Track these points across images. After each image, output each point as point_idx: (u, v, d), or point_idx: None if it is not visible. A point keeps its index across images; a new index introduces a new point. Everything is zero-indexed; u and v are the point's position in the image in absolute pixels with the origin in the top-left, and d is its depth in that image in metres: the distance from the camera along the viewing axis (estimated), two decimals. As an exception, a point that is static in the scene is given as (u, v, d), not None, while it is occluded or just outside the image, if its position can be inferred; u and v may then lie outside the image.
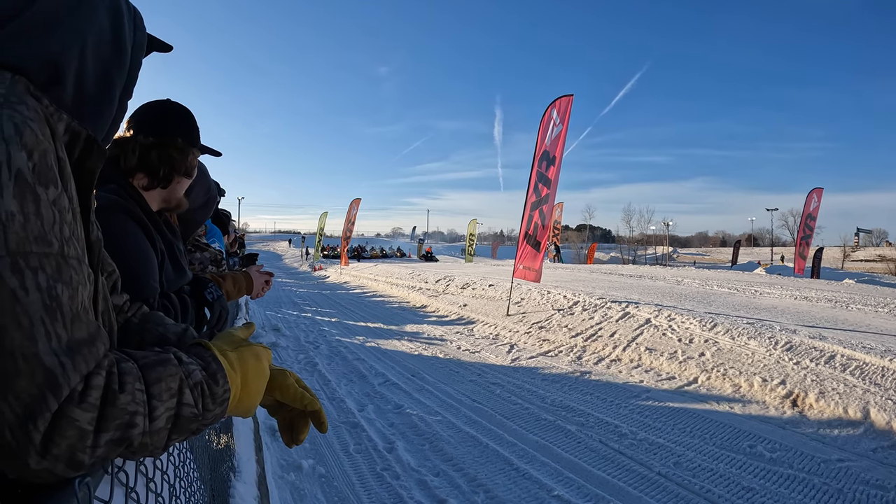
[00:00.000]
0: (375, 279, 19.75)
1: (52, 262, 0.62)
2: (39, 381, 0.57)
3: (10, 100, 0.65)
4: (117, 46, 0.89)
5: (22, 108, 0.65)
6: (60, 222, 0.64)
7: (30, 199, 0.60)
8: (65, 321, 0.61)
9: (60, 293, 0.62)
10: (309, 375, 6.80)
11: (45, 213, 0.62)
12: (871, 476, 3.95)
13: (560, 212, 40.66)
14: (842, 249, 61.75)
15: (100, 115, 0.89)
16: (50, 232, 0.62)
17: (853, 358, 5.86)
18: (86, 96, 0.83)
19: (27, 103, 0.67)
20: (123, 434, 0.64)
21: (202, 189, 2.31)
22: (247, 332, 1.00)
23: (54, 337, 0.60)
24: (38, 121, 0.66)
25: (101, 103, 0.88)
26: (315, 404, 1.02)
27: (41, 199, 0.62)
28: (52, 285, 0.61)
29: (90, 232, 0.82)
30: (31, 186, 0.61)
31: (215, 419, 0.81)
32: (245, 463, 3.22)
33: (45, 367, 0.58)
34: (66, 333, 0.61)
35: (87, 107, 0.84)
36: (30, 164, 0.61)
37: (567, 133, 10.66)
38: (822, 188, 21.48)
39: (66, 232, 0.65)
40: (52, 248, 0.62)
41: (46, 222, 0.62)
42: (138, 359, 0.71)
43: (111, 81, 0.89)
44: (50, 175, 0.64)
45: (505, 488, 3.84)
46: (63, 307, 0.62)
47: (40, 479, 0.60)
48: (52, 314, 0.60)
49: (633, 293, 10.87)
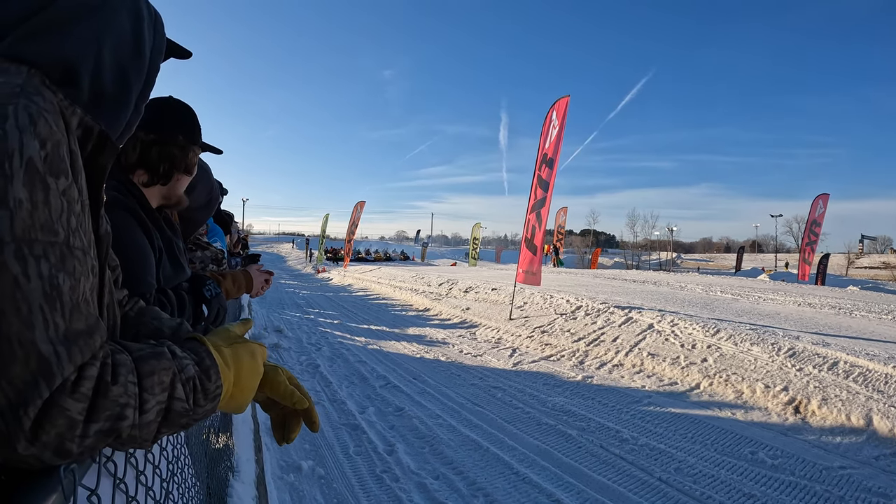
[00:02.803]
0: (378, 282, 19.76)
1: (57, 252, 0.62)
2: (33, 368, 0.58)
3: (26, 90, 0.66)
4: (137, 50, 0.90)
5: (38, 100, 0.66)
6: (68, 213, 0.65)
7: (39, 187, 0.61)
8: (64, 311, 0.62)
9: (62, 283, 0.62)
10: (311, 377, 6.80)
11: (54, 203, 0.63)
12: (874, 484, 3.92)
13: (564, 216, 40.67)
14: (846, 256, 61.68)
15: (115, 117, 0.90)
16: (57, 221, 0.63)
17: (856, 365, 5.83)
18: (102, 96, 0.84)
19: (43, 95, 0.68)
20: (113, 425, 0.64)
21: (204, 188, 2.32)
22: (243, 329, 1.00)
23: (52, 325, 0.60)
24: (52, 112, 0.67)
25: (118, 105, 0.89)
26: (304, 403, 1.03)
27: (51, 188, 0.62)
28: (53, 274, 0.61)
29: (99, 226, 0.83)
30: (42, 175, 0.62)
31: (206, 415, 0.81)
32: (244, 463, 3.22)
33: (41, 354, 0.58)
34: (65, 323, 0.62)
35: (103, 106, 0.85)
36: (42, 154, 0.62)
37: (563, 133, 10.56)
38: (828, 194, 21.36)
39: (73, 223, 0.66)
40: (58, 237, 0.63)
41: (54, 211, 0.62)
42: (133, 351, 0.72)
43: (129, 84, 0.90)
44: (61, 166, 0.65)
45: (504, 492, 3.83)
46: (63, 297, 0.62)
47: (27, 465, 0.60)
48: (51, 303, 0.60)
49: (637, 298, 10.85)
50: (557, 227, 40.20)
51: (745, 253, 55.62)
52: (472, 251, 35.73)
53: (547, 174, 10.57)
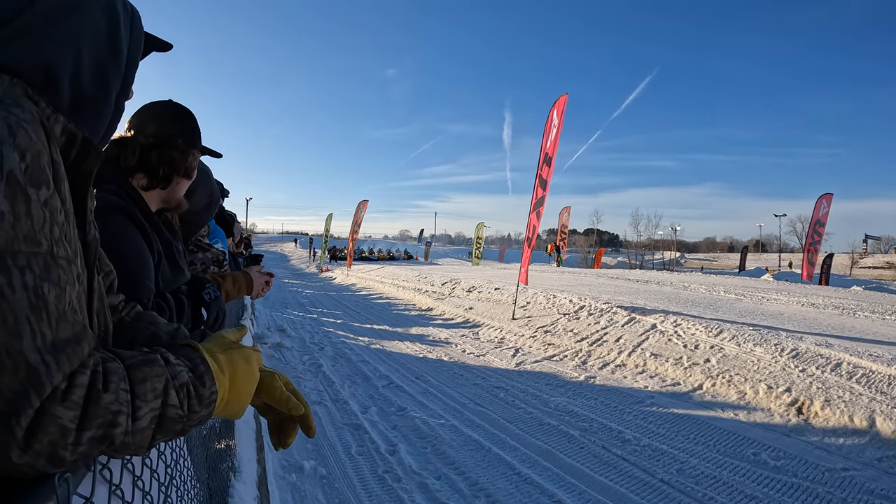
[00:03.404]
0: (382, 281, 19.76)
1: (40, 262, 0.62)
2: (22, 377, 0.58)
3: (4, 102, 0.66)
4: (113, 47, 0.90)
5: (17, 111, 0.66)
6: (51, 223, 0.65)
7: (21, 199, 0.61)
8: (50, 320, 0.62)
9: (47, 292, 0.62)
10: (313, 377, 6.81)
11: (36, 214, 0.63)
12: (876, 486, 3.91)
13: (567, 215, 40.56)
14: (850, 256, 61.44)
15: (97, 117, 0.90)
16: (39, 232, 0.63)
17: (859, 366, 5.81)
18: (83, 98, 0.84)
19: (22, 106, 0.68)
20: (105, 432, 0.65)
21: (205, 191, 2.33)
22: (238, 335, 1.00)
23: (39, 335, 0.60)
24: (32, 123, 0.67)
25: (98, 104, 0.89)
26: (299, 409, 1.03)
27: (32, 199, 0.63)
28: (38, 284, 0.61)
29: (87, 232, 0.82)
30: (23, 187, 0.62)
31: (201, 420, 0.81)
32: (246, 463, 3.23)
33: (29, 364, 0.59)
34: (51, 332, 0.62)
35: (84, 108, 0.85)
36: (22, 166, 0.62)
37: (563, 132, 10.58)
38: (831, 194, 21.22)
39: (56, 232, 0.66)
40: (41, 247, 0.63)
41: (37, 222, 0.63)
42: (125, 359, 0.72)
43: (107, 83, 0.90)
44: (42, 176, 0.65)
45: (506, 493, 3.83)
46: (49, 306, 0.62)
47: (21, 474, 0.60)
48: (37, 313, 0.61)
49: (640, 298, 10.83)
50: (560, 226, 40.10)
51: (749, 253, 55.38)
52: (475, 250, 35.72)
53: (546, 172, 10.57)
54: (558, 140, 10.47)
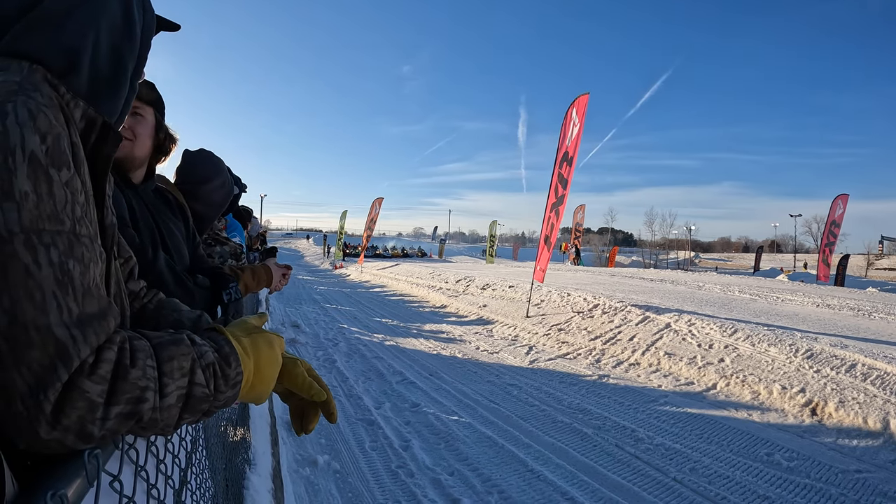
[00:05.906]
0: (396, 278, 19.82)
1: (64, 240, 0.64)
2: (51, 352, 0.60)
3: (24, 87, 0.68)
4: (128, 30, 0.91)
5: (36, 95, 0.68)
6: (72, 203, 0.67)
7: (43, 179, 0.63)
8: (76, 295, 0.64)
9: (72, 268, 0.64)
10: (327, 372, 6.85)
11: (58, 194, 0.65)
12: (890, 488, 3.88)
13: (582, 214, 40.37)
14: (866, 257, 60.56)
15: (115, 99, 0.91)
16: (62, 211, 0.65)
17: (874, 367, 5.76)
18: (101, 81, 0.85)
19: (42, 90, 0.70)
20: (134, 408, 0.66)
21: (219, 182, 2.35)
22: (260, 321, 1.02)
23: (66, 310, 0.62)
24: (52, 107, 0.69)
25: (116, 87, 0.90)
26: (321, 395, 1.04)
27: (54, 180, 0.64)
28: (63, 261, 0.63)
29: (104, 216, 0.85)
30: (45, 168, 0.64)
31: (227, 402, 0.82)
32: (261, 456, 3.26)
33: (57, 338, 0.60)
34: (78, 307, 0.64)
35: (102, 91, 0.86)
36: (43, 148, 0.64)
37: (583, 130, 10.52)
38: (847, 194, 20.98)
39: (77, 212, 0.68)
40: (65, 226, 0.65)
41: (59, 202, 0.64)
42: (151, 338, 0.74)
43: (124, 65, 0.91)
44: (63, 158, 0.67)
45: (519, 489, 3.84)
46: (74, 282, 0.64)
47: (50, 450, 0.62)
48: (63, 288, 0.63)
49: (654, 297, 10.78)
50: (575, 224, 39.94)
51: (764, 253, 54.84)
52: (489, 248, 35.65)
53: (567, 171, 10.53)
54: (580, 139, 10.44)
